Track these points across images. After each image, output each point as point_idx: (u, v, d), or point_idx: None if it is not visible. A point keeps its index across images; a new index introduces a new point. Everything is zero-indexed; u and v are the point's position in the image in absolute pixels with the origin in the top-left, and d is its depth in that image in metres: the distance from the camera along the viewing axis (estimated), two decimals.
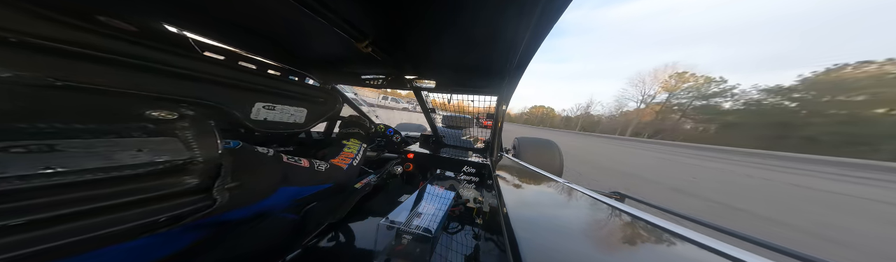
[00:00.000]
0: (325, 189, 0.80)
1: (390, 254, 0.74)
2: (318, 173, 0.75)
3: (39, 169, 0.33)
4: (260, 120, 0.77)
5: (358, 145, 1.00)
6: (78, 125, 0.39)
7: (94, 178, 0.37)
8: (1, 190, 0.30)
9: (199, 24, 0.77)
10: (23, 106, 0.35)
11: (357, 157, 0.95)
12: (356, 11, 0.62)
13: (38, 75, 0.36)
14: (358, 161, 0.94)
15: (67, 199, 0.35)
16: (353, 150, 0.97)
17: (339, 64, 1.15)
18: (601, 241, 0.64)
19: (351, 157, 0.92)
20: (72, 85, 0.40)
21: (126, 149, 0.41)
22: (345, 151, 0.95)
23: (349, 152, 0.95)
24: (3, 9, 0.34)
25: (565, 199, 1.02)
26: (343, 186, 0.89)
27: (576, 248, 0.56)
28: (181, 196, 0.46)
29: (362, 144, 1.03)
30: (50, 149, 0.35)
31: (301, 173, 0.70)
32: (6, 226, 0.30)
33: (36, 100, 0.36)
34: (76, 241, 0.35)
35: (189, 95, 0.57)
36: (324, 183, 0.78)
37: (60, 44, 0.39)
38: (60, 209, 0.34)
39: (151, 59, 0.50)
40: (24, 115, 0.35)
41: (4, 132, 0.33)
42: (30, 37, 0.36)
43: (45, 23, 0.37)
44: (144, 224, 0.41)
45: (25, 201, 0.32)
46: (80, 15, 0.42)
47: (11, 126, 0.34)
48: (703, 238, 0.63)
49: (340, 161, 0.89)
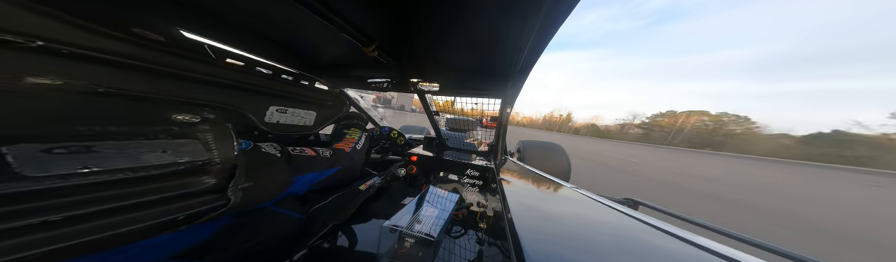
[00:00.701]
0: (336, 173, 0.84)
1: (393, 257, 0.74)
2: (324, 159, 0.79)
3: (77, 169, 0.35)
4: (273, 123, 0.81)
5: (359, 133, 1.05)
6: (113, 128, 0.42)
7: (124, 177, 0.40)
8: (43, 188, 0.33)
9: (217, 32, 0.80)
10: (70, 110, 0.38)
11: (359, 142, 0.99)
12: (363, 17, 0.63)
13: (85, 83, 0.40)
14: (361, 145, 0.98)
15: (99, 197, 0.37)
16: (354, 136, 1.01)
17: (346, 68, 1.17)
18: (613, 251, 0.60)
19: (354, 142, 0.97)
20: (111, 91, 0.43)
21: (153, 150, 0.44)
22: (347, 137, 0.99)
23: (351, 138, 0.99)
24: (60, 23, 0.37)
25: (573, 205, 0.99)
26: (351, 169, 0.92)
27: (584, 257, 0.54)
28: (199, 196, 0.48)
29: (363, 132, 1.07)
30: (87, 150, 0.37)
31: (308, 160, 0.75)
32: (47, 221, 0.32)
33: (81, 105, 0.40)
34: (104, 237, 0.37)
35: (211, 100, 0.60)
36: (331, 167, 0.83)
37: (101, 53, 0.42)
38: (93, 207, 0.36)
39: (178, 66, 0.53)
40: (69, 118, 0.38)
41: (51, 135, 0.35)
42: (77, 48, 0.39)
43: (88, 34, 0.40)
44: (165, 222, 0.43)
45: (64, 199, 0.34)
46: (116, 26, 0.45)
47: (58, 129, 0.37)
48: (728, 251, 0.58)
49: (344, 145, 0.93)
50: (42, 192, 0.33)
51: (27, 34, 0.35)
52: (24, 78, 0.35)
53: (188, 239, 0.52)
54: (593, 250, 0.59)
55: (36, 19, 0.35)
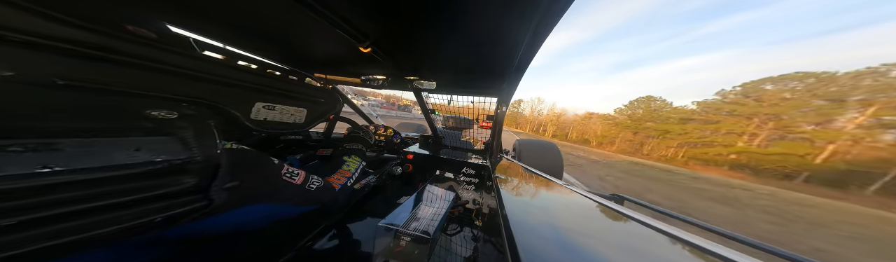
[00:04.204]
0: (308, 212, 0.75)
1: (388, 256, 0.74)
2: (307, 193, 0.72)
3: (36, 168, 0.33)
4: (260, 120, 0.77)
5: (357, 163, 1.00)
6: (77, 124, 0.38)
7: (91, 177, 0.37)
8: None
9: (201, 25, 0.77)
10: (24, 105, 0.35)
11: (353, 176, 0.94)
12: (357, 13, 0.62)
13: (41, 74, 0.36)
14: (352, 182, 0.93)
15: (63, 198, 0.35)
16: (351, 168, 0.96)
17: (339, 64, 1.15)
18: (600, 243, 0.63)
19: (347, 176, 0.92)
20: (73, 84, 0.39)
21: (124, 148, 0.41)
22: (343, 168, 0.94)
23: (346, 171, 0.94)
24: (5, 8, 0.33)
25: (564, 201, 1.01)
26: (328, 208, 0.84)
27: (575, 250, 0.55)
28: (178, 196, 0.45)
29: (362, 162, 1.03)
30: (48, 148, 0.34)
31: (290, 190, 0.68)
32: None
33: (38, 99, 0.36)
34: (69, 242, 0.35)
35: (189, 95, 0.56)
36: (307, 205, 0.74)
37: (62, 43, 0.38)
38: (54, 209, 0.34)
39: (152, 58, 0.49)
40: (24, 114, 0.35)
41: (4, 131, 0.33)
42: (32, 36, 0.35)
43: (46, 22, 0.37)
44: (140, 225, 0.41)
45: (19, 201, 0.32)
46: (81, 14, 0.41)
47: (11, 125, 0.34)
48: (703, 242, 0.62)
49: (335, 180, 0.88)
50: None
51: None
52: None
53: (173, 240, 0.51)
54: (584, 243, 0.61)
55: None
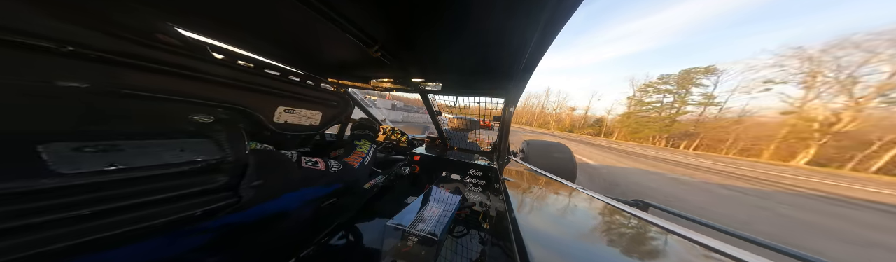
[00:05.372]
0: (336, 190, 0.85)
1: (396, 256, 0.74)
2: (331, 175, 0.80)
3: (105, 166, 0.38)
4: (281, 123, 0.85)
5: (368, 145, 1.09)
6: (135, 128, 0.44)
7: (147, 174, 0.42)
8: (76, 184, 0.34)
9: (232, 36, 0.83)
10: (96, 111, 0.41)
11: (368, 156, 1.03)
12: (365, 17, 0.63)
13: (109, 85, 0.43)
14: (368, 160, 1.02)
15: (125, 193, 0.39)
16: (363, 149, 1.05)
17: (350, 69, 1.18)
18: (622, 254, 0.59)
19: (362, 156, 1.01)
20: (134, 93, 0.46)
21: (171, 149, 0.46)
22: (357, 150, 1.03)
23: (361, 151, 1.03)
24: (85, 28, 0.40)
25: (579, 205, 0.98)
26: (352, 185, 0.95)
27: (593, 260, 0.53)
28: (214, 192, 0.49)
29: (372, 144, 1.12)
30: (113, 149, 0.40)
31: (316, 175, 0.76)
32: (79, 216, 0.34)
33: (107, 106, 0.43)
34: (125, 232, 0.39)
35: (223, 100, 0.63)
36: (334, 183, 0.83)
37: (124, 57, 0.44)
38: (119, 202, 0.38)
39: (194, 68, 0.56)
40: (96, 119, 0.41)
41: (81, 134, 0.38)
42: (102, 52, 0.42)
43: (112, 38, 0.43)
44: (184, 218, 0.45)
45: (94, 194, 0.36)
46: (137, 30, 0.48)
47: (87, 129, 0.39)
48: (742, 254, 0.57)
49: (353, 160, 0.96)
50: (74, 187, 0.34)
51: (60, 40, 0.37)
52: (55, 81, 0.38)
53: (199, 237, 0.54)
54: (604, 253, 0.57)
55: (66, 26, 0.38)
